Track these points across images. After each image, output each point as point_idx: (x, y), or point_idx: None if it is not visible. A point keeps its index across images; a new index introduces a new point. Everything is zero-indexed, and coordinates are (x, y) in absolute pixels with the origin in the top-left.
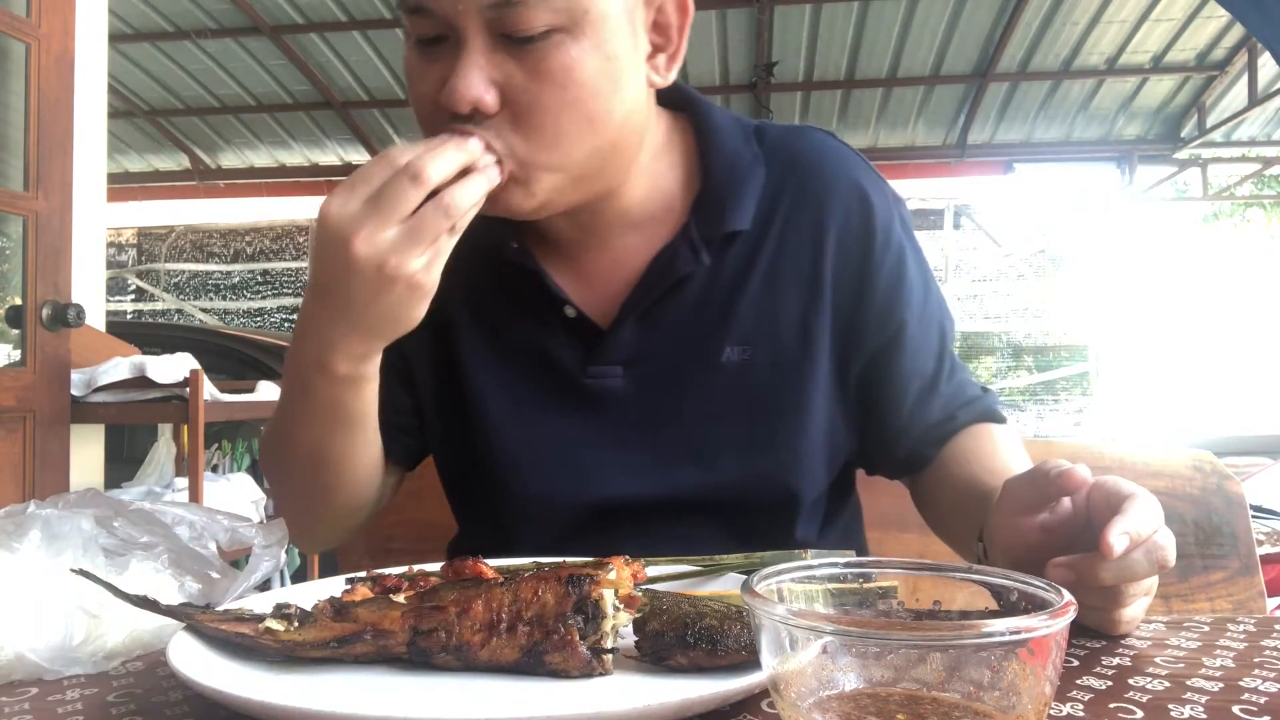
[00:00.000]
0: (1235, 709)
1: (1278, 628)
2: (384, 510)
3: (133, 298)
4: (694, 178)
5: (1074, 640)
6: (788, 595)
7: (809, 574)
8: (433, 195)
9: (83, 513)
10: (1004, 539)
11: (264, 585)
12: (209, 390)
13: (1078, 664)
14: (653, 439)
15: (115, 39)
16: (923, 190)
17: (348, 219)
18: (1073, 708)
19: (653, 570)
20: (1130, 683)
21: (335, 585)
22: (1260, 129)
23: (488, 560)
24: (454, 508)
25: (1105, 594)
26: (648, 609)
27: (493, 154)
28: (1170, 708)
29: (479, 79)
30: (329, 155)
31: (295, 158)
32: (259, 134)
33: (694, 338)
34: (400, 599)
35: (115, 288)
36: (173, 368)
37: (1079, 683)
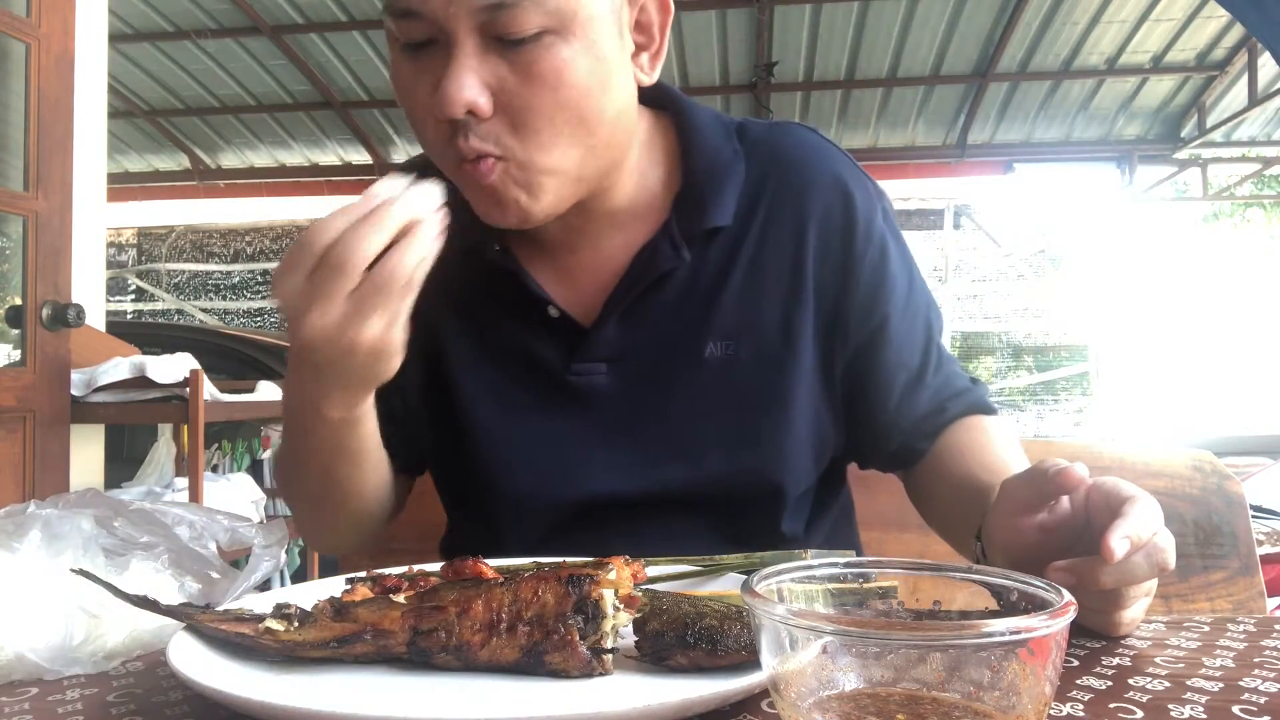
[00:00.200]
0: (1235, 709)
1: (1278, 628)
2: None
3: (133, 298)
4: (675, 175)
5: (1074, 640)
6: (788, 595)
7: (809, 574)
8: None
9: (83, 513)
10: (1002, 539)
11: (264, 585)
12: (209, 390)
13: (1078, 664)
14: (638, 436)
15: (115, 39)
16: (923, 190)
17: (298, 297)
18: (1073, 708)
19: (652, 570)
20: (1130, 683)
21: (335, 585)
22: (1260, 129)
23: (487, 560)
24: (445, 505)
25: (1105, 596)
26: (648, 609)
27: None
28: (1170, 708)
29: (472, 82)
30: (329, 155)
31: (295, 158)
32: (259, 134)
33: (677, 334)
34: (400, 599)
35: (115, 288)
36: (173, 368)
37: (1079, 683)
